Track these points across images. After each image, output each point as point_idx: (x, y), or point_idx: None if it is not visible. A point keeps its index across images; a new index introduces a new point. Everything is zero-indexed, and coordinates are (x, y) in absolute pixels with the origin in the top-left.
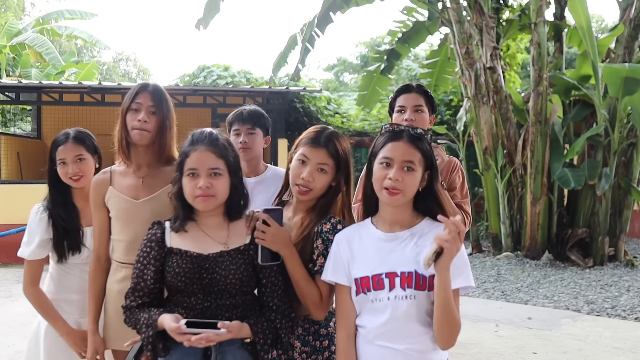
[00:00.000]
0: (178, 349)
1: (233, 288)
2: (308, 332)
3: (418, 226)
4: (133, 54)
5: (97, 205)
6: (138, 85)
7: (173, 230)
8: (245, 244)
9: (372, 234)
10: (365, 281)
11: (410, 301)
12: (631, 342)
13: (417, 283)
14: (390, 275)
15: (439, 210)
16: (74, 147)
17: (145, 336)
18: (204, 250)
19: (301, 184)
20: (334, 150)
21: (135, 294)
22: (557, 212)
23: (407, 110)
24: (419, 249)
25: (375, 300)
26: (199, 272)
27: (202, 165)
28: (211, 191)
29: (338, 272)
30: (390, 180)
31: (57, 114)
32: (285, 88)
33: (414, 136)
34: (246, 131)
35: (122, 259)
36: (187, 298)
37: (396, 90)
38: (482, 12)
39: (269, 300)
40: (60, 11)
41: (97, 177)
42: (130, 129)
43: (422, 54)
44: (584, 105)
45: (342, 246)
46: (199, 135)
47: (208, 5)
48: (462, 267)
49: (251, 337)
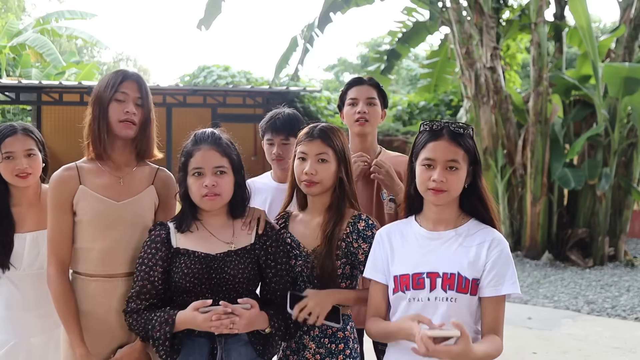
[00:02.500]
0: (184, 346)
1: (240, 287)
2: (325, 334)
3: (464, 226)
4: (133, 54)
5: (62, 207)
6: (120, 72)
7: (179, 231)
8: (250, 244)
9: (416, 231)
10: (404, 279)
11: (450, 303)
12: (631, 342)
13: (459, 285)
14: (432, 275)
15: (483, 210)
16: (24, 140)
17: (160, 334)
18: (211, 250)
19: (305, 180)
20: (328, 139)
21: (140, 297)
22: (557, 212)
23: (360, 102)
24: (463, 250)
25: (413, 300)
26: (207, 272)
27: (207, 164)
28: (217, 190)
29: (376, 270)
30: (434, 182)
31: (57, 114)
32: (285, 88)
33: (455, 133)
34: (280, 142)
35: (94, 271)
36: (194, 298)
37: (347, 83)
38: (482, 12)
39: (275, 297)
40: (60, 11)
41: (60, 174)
42: (116, 121)
43: (422, 54)
44: (584, 105)
45: (381, 243)
46: (202, 135)
47: (209, 6)
48: (510, 273)
49: (269, 327)
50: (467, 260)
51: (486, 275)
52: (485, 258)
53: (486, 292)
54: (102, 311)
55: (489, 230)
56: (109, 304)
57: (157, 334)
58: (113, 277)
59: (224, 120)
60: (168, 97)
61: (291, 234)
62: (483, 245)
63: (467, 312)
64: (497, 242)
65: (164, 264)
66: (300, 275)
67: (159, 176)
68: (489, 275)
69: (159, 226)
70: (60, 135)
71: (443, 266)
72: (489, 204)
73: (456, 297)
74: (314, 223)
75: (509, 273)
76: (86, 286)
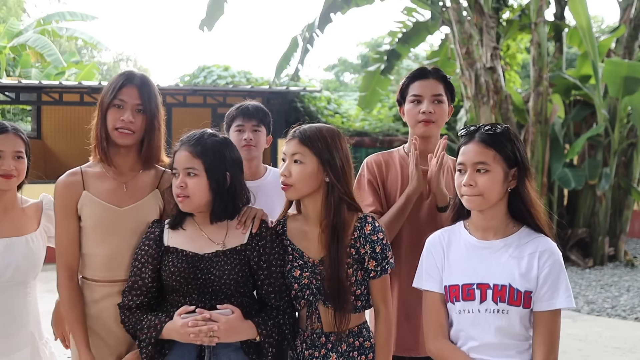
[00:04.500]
0: (173, 350)
1: (228, 289)
2: (353, 348)
3: (514, 235)
4: (133, 55)
5: (67, 212)
6: (122, 75)
7: (170, 228)
8: (242, 244)
9: (465, 239)
10: (454, 290)
11: (502, 315)
12: (631, 342)
13: (511, 297)
14: (482, 286)
15: (528, 216)
16: (15, 141)
17: (146, 337)
18: (199, 250)
19: (282, 181)
20: (306, 139)
21: (132, 292)
22: (557, 212)
23: (425, 100)
24: (514, 260)
25: (462, 312)
26: (193, 272)
27: (179, 165)
28: (185, 191)
29: (433, 279)
30: (465, 187)
31: (57, 114)
32: (285, 88)
33: (485, 134)
34: (251, 128)
35: (99, 277)
36: (182, 298)
37: (409, 76)
38: (482, 12)
39: (269, 300)
40: (61, 13)
41: (65, 179)
42: (112, 129)
43: (422, 54)
44: (584, 105)
45: (434, 251)
46: (188, 136)
47: (211, 7)
48: (565, 286)
49: (257, 336)
50: (518, 271)
51: (540, 288)
52: (537, 270)
53: (540, 305)
54: (106, 315)
55: (541, 239)
56: (113, 308)
57: (143, 336)
58: (117, 282)
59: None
60: (168, 97)
61: (291, 242)
62: (534, 255)
63: (519, 325)
64: (550, 253)
65: (154, 261)
66: (309, 287)
67: (165, 179)
68: (542, 288)
69: (155, 223)
70: (60, 135)
71: (493, 277)
72: (533, 209)
73: (508, 309)
74: (314, 234)
75: (563, 286)
76: (92, 291)
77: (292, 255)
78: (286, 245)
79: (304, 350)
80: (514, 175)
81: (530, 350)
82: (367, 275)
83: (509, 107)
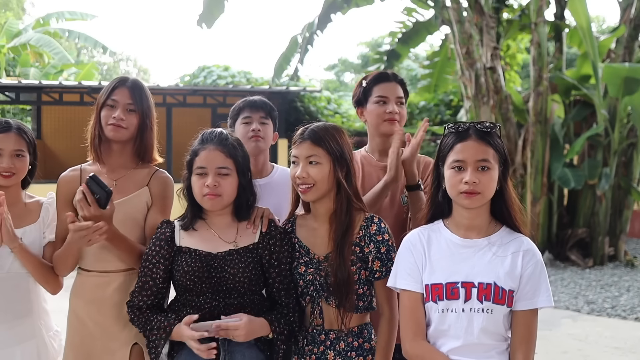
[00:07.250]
0: (186, 349)
1: (242, 287)
2: (351, 348)
3: (497, 234)
4: (133, 54)
5: (64, 204)
6: (116, 79)
7: (182, 229)
8: (253, 243)
9: (447, 238)
10: (437, 289)
11: (487, 315)
12: (631, 342)
13: (496, 296)
14: (467, 285)
15: (508, 215)
16: (16, 139)
17: (156, 338)
18: (213, 249)
19: (299, 184)
20: (318, 140)
21: (142, 292)
22: (557, 212)
23: (391, 101)
24: (498, 259)
25: (446, 311)
26: (207, 270)
27: (210, 164)
28: (218, 190)
29: (413, 279)
30: (466, 185)
31: (57, 114)
32: (285, 88)
33: (482, 132)
34: (259, 119)
35: (90, 267)
36: (195, 297)
37: (372, 78)
38: (482, 12)
39: (279, 298)
40: (60, 12)
41: (66, 174)
42: (105, 125)
43: (422, 54)
44: (584, 105)
45: (413, 249)
46: (209, 135)
47: (210, 2)
48: (545, 285)
49: (271, 333)
50: (502, 270)
51: (522, 287)
52: (521, 268)
53: (522, 304)
54: (98, 304)
55: (522, 238)
56: (103, 297)
57: (153, 337)
58: (107, 272)
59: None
60: (168, 97)
61: (299, 239)
62: (518, 254)
63: (501, 325)
64: (532, 253)
65: (165, 262)
66: (312, 284)
67: (156, 177)
68: (525, 287)
69: (165, 224)
70: (60, 135)
71: (478, 276)
72: (512, 209)
73: (492, 308)
74: (322, 230)
75: (544, 285)
76: (84, 280)
77: (299, 252)
78: (294, 242)
79: (304, 346)
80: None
81: (508, 351)
82: (372, 275)
83: (509, 107)
